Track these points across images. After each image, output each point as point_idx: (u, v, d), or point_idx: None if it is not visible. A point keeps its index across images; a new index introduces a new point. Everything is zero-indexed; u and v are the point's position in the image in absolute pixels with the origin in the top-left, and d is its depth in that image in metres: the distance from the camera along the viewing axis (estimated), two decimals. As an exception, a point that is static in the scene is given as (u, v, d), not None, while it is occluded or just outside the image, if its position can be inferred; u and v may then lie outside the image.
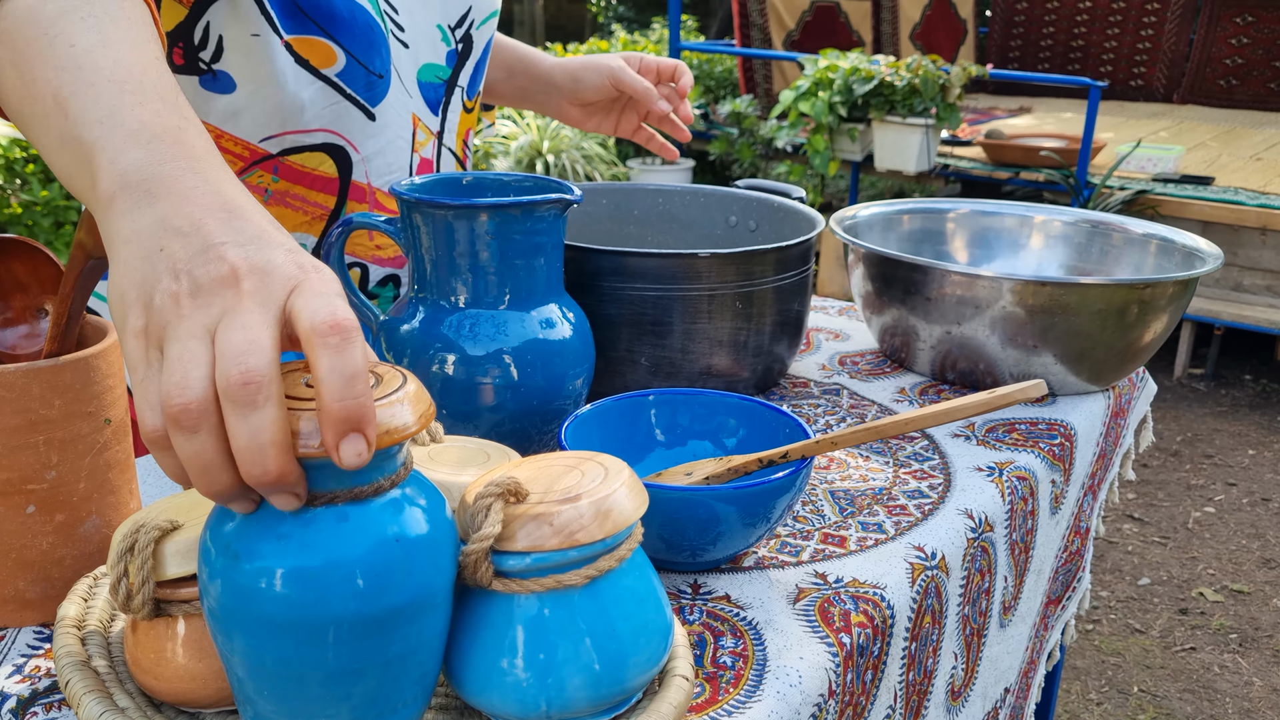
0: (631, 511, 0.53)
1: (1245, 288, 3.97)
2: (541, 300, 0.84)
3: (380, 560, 0.47)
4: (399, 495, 0.49)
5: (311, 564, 0.45)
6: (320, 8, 0.88)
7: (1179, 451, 3.39)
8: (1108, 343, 1.05)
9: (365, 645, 0.47)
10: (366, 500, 0.47)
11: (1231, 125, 5.40)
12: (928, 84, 4.04)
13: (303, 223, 0.97)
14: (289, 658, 0.47)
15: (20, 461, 0.62)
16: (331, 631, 0.46)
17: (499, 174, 0.91)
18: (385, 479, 0.48)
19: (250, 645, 0.47)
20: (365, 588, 0.46)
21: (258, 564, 0.46)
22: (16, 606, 0.66)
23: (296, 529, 0.46)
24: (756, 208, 1.21)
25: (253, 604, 0.46)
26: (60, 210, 3.55)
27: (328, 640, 0.46)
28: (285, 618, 0.46)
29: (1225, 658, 2.37)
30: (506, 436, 0.84)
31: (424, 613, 0.49)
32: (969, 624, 0.89)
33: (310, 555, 0.46)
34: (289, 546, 0.46)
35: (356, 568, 0.46)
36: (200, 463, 0.43)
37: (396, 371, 0.49)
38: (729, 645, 0.67)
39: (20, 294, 0.73)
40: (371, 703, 0.49)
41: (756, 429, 0.82)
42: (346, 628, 0.46)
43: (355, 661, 0.47)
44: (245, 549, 0.46)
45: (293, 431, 0.44)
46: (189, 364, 0.43)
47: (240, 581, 0.46)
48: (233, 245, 0.46)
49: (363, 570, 0.46)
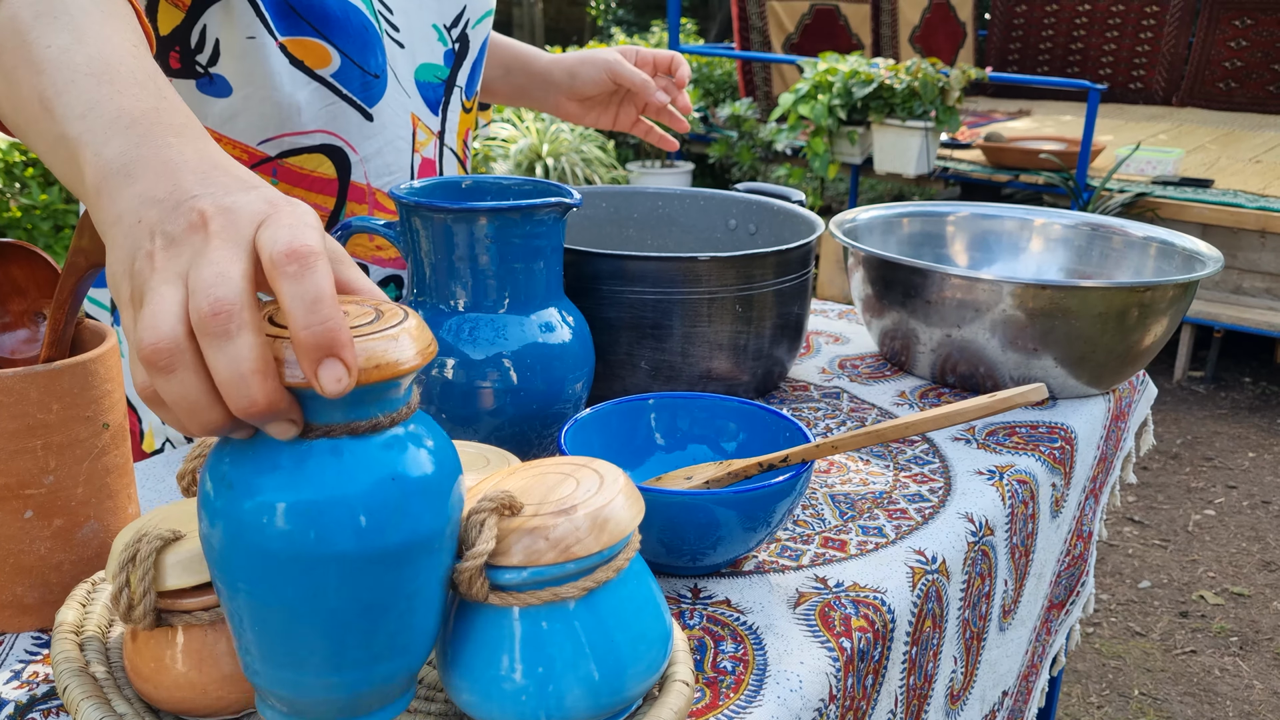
0: (628, 521, 0.53)
1: (1245, 290, 3.97)
2: (541, 304, 0.84)
3: (378, 498, 0.46)
4: (400, 433, 0.48)
5: (307, 497, 0.45)
6: (314, 8, 0.89)
7: (1179, 454, 3.39)
8: (1108, 346, 1.04)
9: (365, 584, 0.46)
10: (364, 436, 0.46)
11: (1231, 128, 5.40)
12: (927, 87, 4.04)
13: None
14: (288, 595, 0.46)
15: (18, 466, 0.62)
16: (330, 568, 0.45)
17: (498, 177, 0.91)
18: (385, 416, 0.47)
19: (249, 584, 0.46)
20: (364, 525, 0.45)
21: (256, 497, 0.45)
22: (14, 612, 0.66)
23: (292, 461, 0.45)
24: (756, 211, 1.21)
25: (250, 537, 0.45)
26: (59, 214, 3.55)
27: (327, 577, 0.45)
28: (281, 551, 0.45)
29: (1226, 661, 2.36)
30: (506, 440, 0.84)
31: (425, 555, 0.48)
32: (969, 628, 0.89)
33: (306, 488, 0.45)
34: (285, 479, 0.45)
35: (353, 504, 0.45)
36: (186, 404, 0.43)
37: (398, 308, 0.48)
38: (729, 650, 0.67)
39: (18, 298, 0.73)
40: (371, 646, 0.48)
41: (756, 433, 0.82)
42: (345, 564, 0.45)
43: (356, 600, 0.47)
44: (242, 481, 0.45)
45: (279, 360, 0.43)
46: (158, 306, 0.43)
47: (237, 515, 0.45)
48: (204, 196, 0.46)
49: (361, 507, 0.45)
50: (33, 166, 3.56)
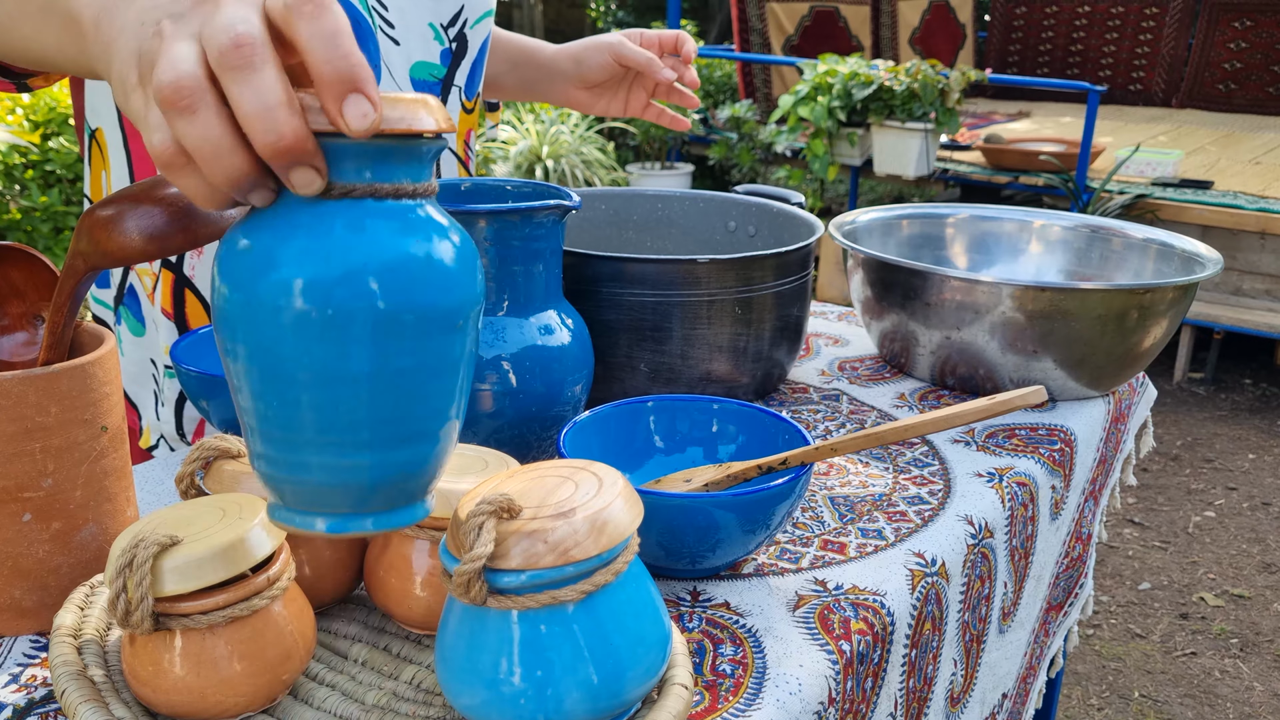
0: (627, 524, 0.53)
1: (1245, 291, 3.97)
2: (540, 306, 0.84)
3: (400, 264, 0.44)
4: (423, 207, 0.46)
5: (327, 260, 0.43)
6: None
7: (1179, 456, 3.39)
8: (1107, 348, 1.04)
9: (383, 353, 0.45)
10: (385, 199, 0.45)
11: (1230, 129, 5.40)
12: (927, 89, 4.05)
13: None
14: (303, 363, 0.44)
15: (16, 469, 0.62)
16: (348, 334, 0.44)
17: (497, 180, 0.91)
18: (408, 184, 0.46)
19: (263, 353, 0.45)
20: (384, 292, 0.44)
21: (274, 263, 0.43)
22: (12, 615, 0.66)
23: (312, 221, 0.44)
24: (756, 213, 1.21)
25: (265, 301, 0.44)
26: (59, 216, 3.55)
27: (344, 344, 0.44)
28: (297, 317, 0.43)
29: (1226, 663, 2.36)
30: (505, 443, 0.83)
31: (445, 332, 0.47)
32: (968, 630, 0.89)
33: (326, 251, 0.43)
34: (305, 243, 0.44)
35: (375, 269, 0.44)
36: (209, 146, 0.42)
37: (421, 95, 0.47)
38: (728, 653, 0.67)
39: (17, 301, 0.73)
40: (385, 425, 0.46)
41: (756, 435, 0.82)
42: (363, 331, 0.44)
43: (373, 371, 0.45)
44: (260, 246, 0.44)
45: (304, 108, 0.42)
46: (175, 55, 0.42)
47: (253, 280, 0.44)
48: None
49: (382, 272, 0.44)
50: (33, 169, 3.56)
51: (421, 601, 0.64)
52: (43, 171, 3.58)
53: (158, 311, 1.01)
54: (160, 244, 0.59)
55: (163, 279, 1.00)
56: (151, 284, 1.01)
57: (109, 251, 0.59)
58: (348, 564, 0.68)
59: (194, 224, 0.60)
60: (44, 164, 3.57)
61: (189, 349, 0.93)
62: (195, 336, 0.94)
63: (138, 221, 0.59)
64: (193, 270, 0.99)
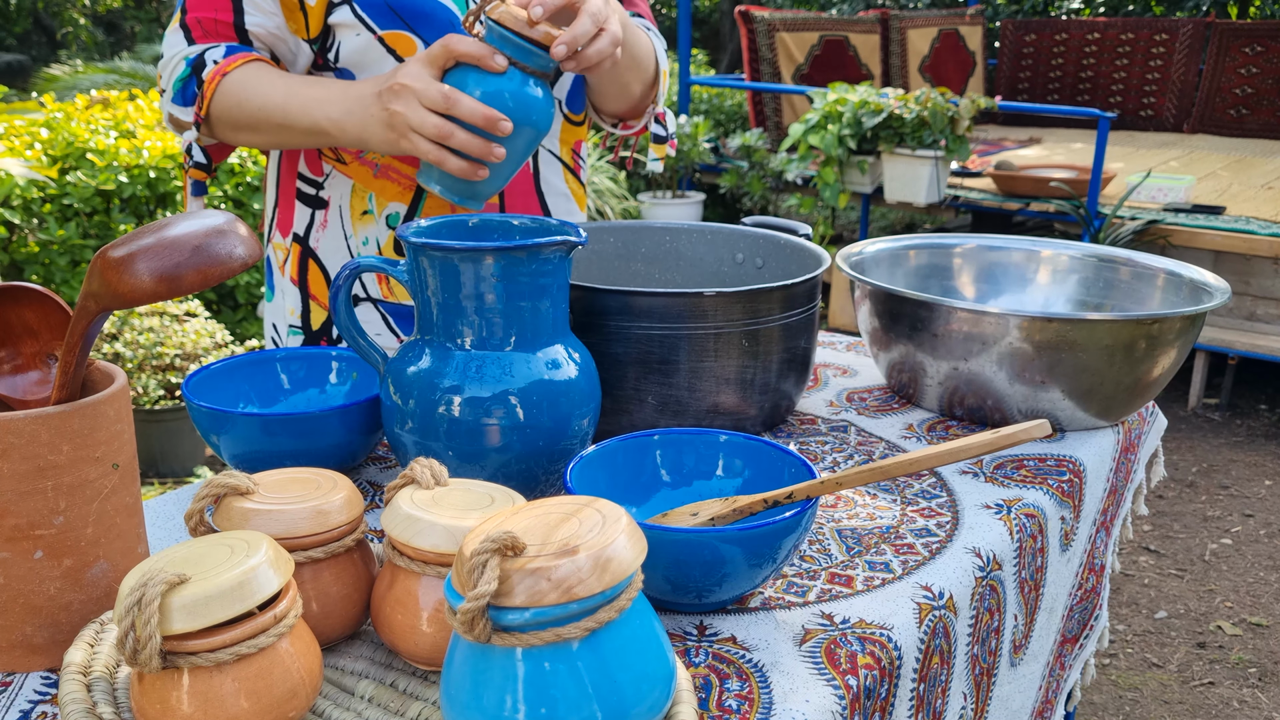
0: (630, 561, 0.53)
1: (1259, 317, 3.96)
2: (547, 341, 0.85)
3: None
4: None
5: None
6: (406, 5, 1.10)
7: (1195, 483, 3.36)
8: (1116, 378, 1.04)
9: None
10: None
11: (1242, 154, 5.40)
12: (937, 116, 4.06)
13: (397, 193, 1.20)
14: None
15: (28, 507, 0.63)
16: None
17: (505, 216, 0.92)
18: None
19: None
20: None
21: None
22: (24, 652, 0.66)
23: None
24: (763, 245, 1.21)
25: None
26: (77, 250, 3.58)
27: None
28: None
29: (1244, 692, 2.33)
30: (513, 477, 0.84)
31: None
32: (978, 663, 0.89)
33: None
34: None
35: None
36: (473, 141, 0.95)
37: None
38: (734, 688, 0.67)
39: (31, 340, 0.74)
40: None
41: (762, 469, 0.82)
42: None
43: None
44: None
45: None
46: (422, 118, 0.95)
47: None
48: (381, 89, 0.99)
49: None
50: (50, 203, 3.59)
51: (428, 637, 0.64)
52: (61, 206, 3.62)
53: (286, 280, 1.27)
54: (171, 284, 0.60)
55: (292, 251, 1.25)
56: (283, 257, 1.27)
57: (121, 293, 0.60)
58: (355, 600, 0.69)
59: (205, 264, 0.61)
60: (62, 198, 3.61)
61: (199, 385, 0.93)
62: (206, 372, 0.95)
63: (149, 263, 0.60)
64: (317, 243, 1.23)
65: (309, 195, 1.23)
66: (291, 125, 1.06)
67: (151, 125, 4.11)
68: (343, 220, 1.21)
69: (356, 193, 1.20)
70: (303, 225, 1.24)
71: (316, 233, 1.23)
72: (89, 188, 3.61)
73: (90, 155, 3.68)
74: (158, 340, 3.12)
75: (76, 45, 12.14)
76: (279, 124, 1.06)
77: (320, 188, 1.22)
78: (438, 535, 0.63)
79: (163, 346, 3.12)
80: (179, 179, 3.79)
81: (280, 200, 1.26)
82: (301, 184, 1.23)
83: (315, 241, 1.24)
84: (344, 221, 1.21)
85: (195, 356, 3.15)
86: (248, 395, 0.98)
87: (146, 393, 3.05)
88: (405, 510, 0.65)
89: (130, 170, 3.71)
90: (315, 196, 1.22)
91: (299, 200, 1.24)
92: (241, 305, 4.12)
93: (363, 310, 1.24)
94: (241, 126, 1.09)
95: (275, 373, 1.00)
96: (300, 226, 1.24)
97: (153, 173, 3.74)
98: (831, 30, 5.55)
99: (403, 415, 0.84)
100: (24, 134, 3.72)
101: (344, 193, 1.20)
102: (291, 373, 1.01)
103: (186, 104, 1.11)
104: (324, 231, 1.23)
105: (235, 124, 1.09)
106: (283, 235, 1.26)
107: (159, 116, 4.28)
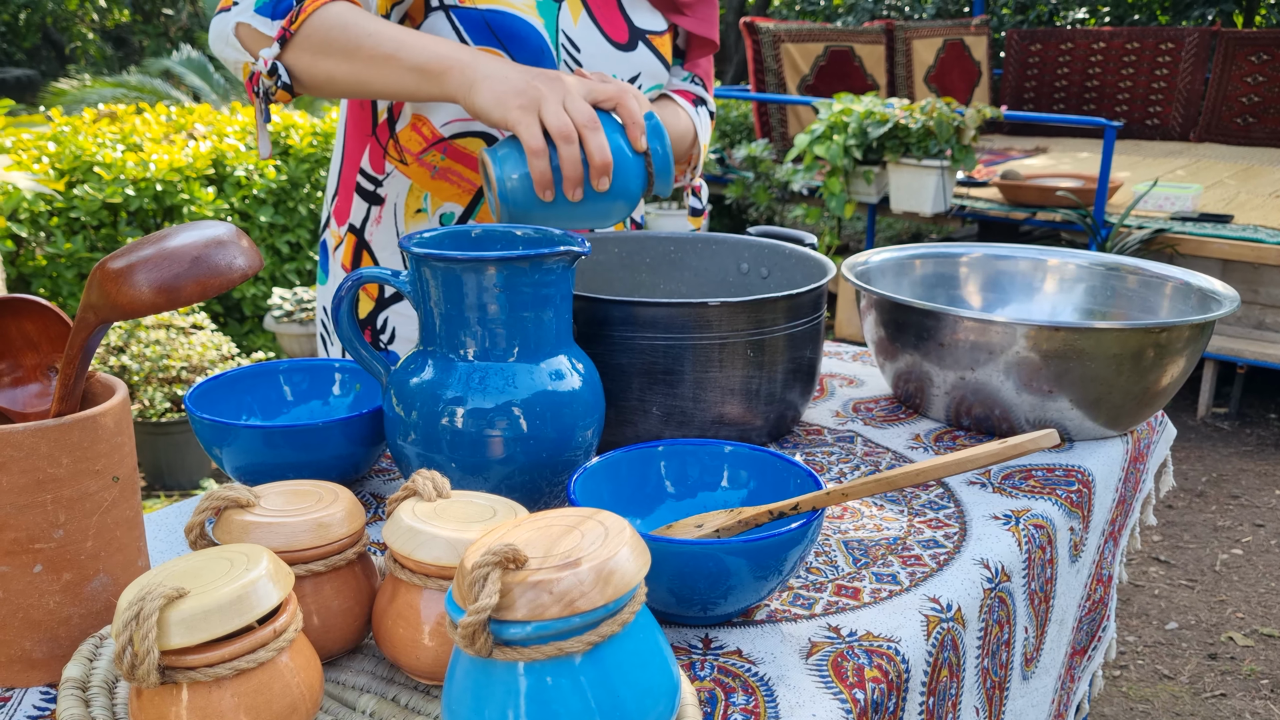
0: (633, 574, 0.53)
1: (1268, 325, 3.94)
2: (551, 352, 0.84)
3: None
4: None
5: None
6: (503, 26, 1.14)
7: (1204, 492, 3.35)
8: (1124, 387, 1.03)
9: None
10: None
11: (1249, 163, 5.38)
12: (942, 126, 4.06)
13: (455, 195, 1.22)
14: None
15: (28, 520, 0.62)
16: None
17: (507, 226, 0.91)
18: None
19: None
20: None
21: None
22: (23, 667, 0.66)
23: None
24: (768, 254, 1.21)
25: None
26: (83, 262, 3.59)
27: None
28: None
29: (1256, 704, 2.32)
30: (517, 489, 0.83)
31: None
32: (989, 677, 0.88)
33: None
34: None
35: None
36: (573, 162, 0.94)
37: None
38: (740, 702, 0.66)
39: (32, 352, 0.73)
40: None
41: (767, 480, 0.81)
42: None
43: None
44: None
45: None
46: (557, 112, 0.93)
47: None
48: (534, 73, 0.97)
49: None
50: (58, 216, 3.61)
51: (429, 651, 0.63)
52: (68, 219, 3.63)
53: (339, 266, 1.31)
54: (170, 296, 0.60)
55: (346, 240, 1.30)
56: (335, 243, 1.31)
57: (120, 304, 0.60)
58: (356, 614, 0.68)
59: (204, 275, 0.61)
60: (69, 211, 3.62)
61: (202, 397, 0.93)
62: (209, 384, 0.95)
63: (148, 274, 0.59)
64: (371, 235, 1.27)
65: (367, 191, 1.26)
66: (400, 57, 0.99)
67: (159, 139, 4.12)
68: (396, 217, 1.25)
69: (413, 191, 1.23)
70: (359, 218, 1.28)
71: (371, 226, 1.27)
72: (96, 201, 3.62)
73: (97, 168, 3.70)
74: (164, 353, 3.12)
75: (85, 60, 12.20)
76: (386, 54, 1.00)
77: (379, 185, 1.25)
78: (439, 548, 0.62)
79: (169, 359, 3.12)
80: (185, 191, 3.80)
81: (340, 190, 1.30)
82: (362, 179, 1.27)
83: (370, 234, 1.28)
84: (398, 218, 1.25)
85: (201, 369, 3.15)
86: (250, 407, 0.98)
87: (153, 405, 3.05)
88: (407, 523, 0.64)
89: (137, 183, 3.73)
90: (373, 193, 1.26)
91: (357, 194, 1.28)
92: (248, 318, 4.13)
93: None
94: (334, 51, 1.02)
95: (278, 384, 1.00)
96: (357, 219, 1.28)
97: (159, 186, 3.75)
98: (837, 41, 5.56)
99: (405, 427, 0.83)
100: (31, 147, 3.74)
101: (400, 191, 1.24)
102: (294, 384, 1.01)
103: (277, 16, 1.05)
104: (378, 226, 1.27)
105: (327, 47, 1.02)
106: (339, 224, 1.31)
107: (166, 130, 4.28)
